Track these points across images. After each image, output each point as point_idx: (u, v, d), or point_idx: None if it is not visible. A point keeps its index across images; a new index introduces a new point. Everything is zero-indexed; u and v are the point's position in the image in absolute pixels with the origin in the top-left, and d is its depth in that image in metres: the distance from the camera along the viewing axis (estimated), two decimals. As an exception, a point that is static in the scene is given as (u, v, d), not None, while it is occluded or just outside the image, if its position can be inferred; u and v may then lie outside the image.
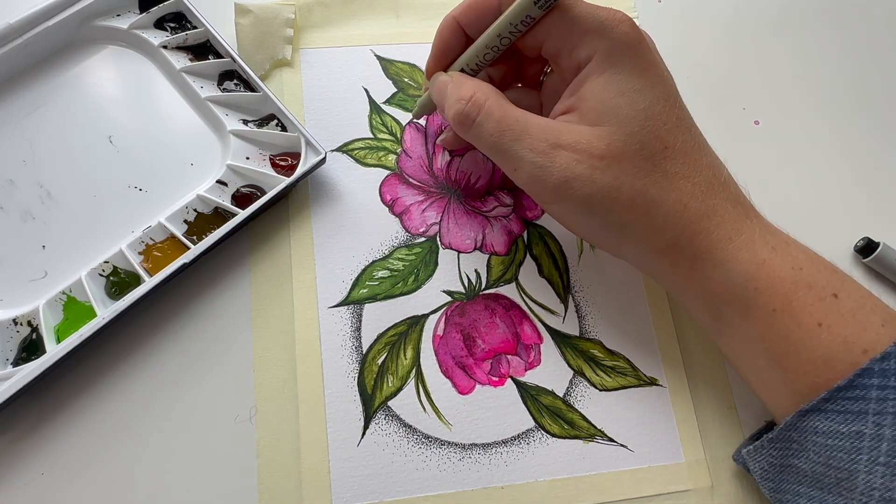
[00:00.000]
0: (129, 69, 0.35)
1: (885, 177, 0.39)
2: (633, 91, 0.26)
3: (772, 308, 0.26)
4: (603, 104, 0.26)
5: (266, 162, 0.34)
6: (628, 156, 0.26)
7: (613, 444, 0.31)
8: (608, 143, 0.26)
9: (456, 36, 0.30)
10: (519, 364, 0.32)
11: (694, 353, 0.33)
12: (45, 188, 0.32)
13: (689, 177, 0.27)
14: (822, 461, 0.25)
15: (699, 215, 0.27)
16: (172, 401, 0.30)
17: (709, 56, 0.41)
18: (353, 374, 0.31)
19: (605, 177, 0.26)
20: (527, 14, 0.27)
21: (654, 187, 0.26)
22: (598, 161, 0.26)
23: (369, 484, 0.29)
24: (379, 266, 0.33)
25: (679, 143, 0.27)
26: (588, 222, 0.28)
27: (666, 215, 0.27)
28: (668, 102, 0.27)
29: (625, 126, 0.26)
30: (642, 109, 0.26)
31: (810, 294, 0.26)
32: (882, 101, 0.41)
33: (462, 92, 0.28)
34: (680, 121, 0.27)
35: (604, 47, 0.26)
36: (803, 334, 0.25)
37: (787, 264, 0.26)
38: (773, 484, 0.27)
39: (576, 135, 0.27)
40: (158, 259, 0.30)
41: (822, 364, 0.25)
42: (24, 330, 0.29)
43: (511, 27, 0.28)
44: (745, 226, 0.27)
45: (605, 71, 0.26)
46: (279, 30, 0.36)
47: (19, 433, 0.29)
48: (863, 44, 0.42)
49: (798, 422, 0.25)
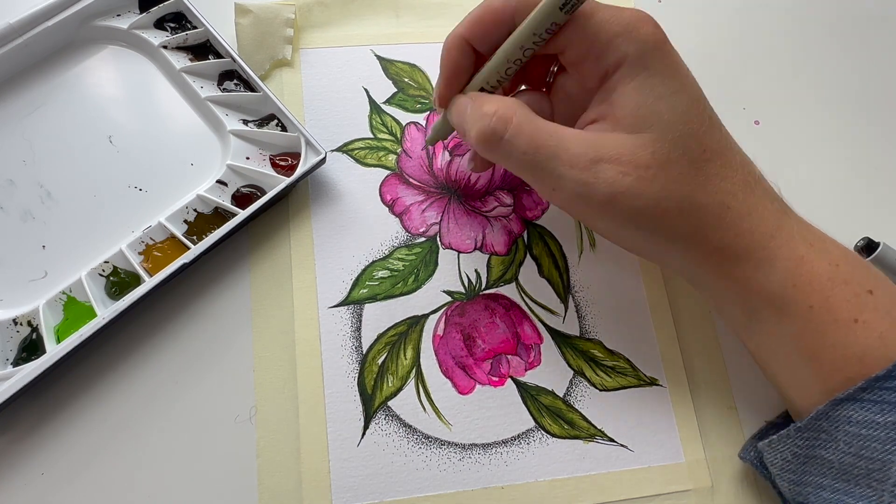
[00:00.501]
0: (129, 69, 0.35)
1: (886, 177, 0.39)
2: (670, 94, 0.25)
3: (808, 305, 0.26)
4: (640, 110, 0.25)
5: (266, 162, 0.34)
6: (673, 162, 0.25)
7: (613, 444, 0.31)
8: (653, 150, 0.25)
9: (465, 54, 0.28)
10: (519, 364, 0.32)
11: (694, 353, 0.33)
12: (45, 188, 0.32)
13: (728, 177, 0.26)
14: (853, 451, 0.25)
15: (741, 215, 0.26)
16: (172, 401, 0.30)
17: (709, 56, 0.41)
18: (353, 374, 0.31)
19: (653, 187, 0.25)
20: (552, 21, 0.25)
21: (699, 191, 0.26)
22: (645, 171, 0.25)
23: (369, 484, 0.29)
24: (379, 266, 0.33)
25: (715, 143, 0.26)
26: (636, 235, 0.27)
27: (712, 219, 0.26)
28: (700, 103, 0.26)
29: (667, 132, 0.25)
30: (682, 112, 0.25)
31: (847, 290, 0.25)
32: (882, 101, 0.41)
33: (485, 108, 0.26)
34: (712, 121, 0.27)
35: (634, 51, 0.25)
36: (839, 330, 0.25)
37: (825, 261, 0.26)
38: (794, 476, 0.27)
39: (617, 146, 0.25)
40: (158, 259, 0.30)
41: (856, 360, 0.25)
42: (24, 330, 0.29)
43: (535, 37, 0.26)
44: (784, 222, 0.27)
45: (638, 75, 0.25)
46: (279, 30, 0.36)
47: (19, 433, 0.29)
48: (863, 44, 0.42)
49: (830, 411, 0.25)
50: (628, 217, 0.26)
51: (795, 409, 0.28)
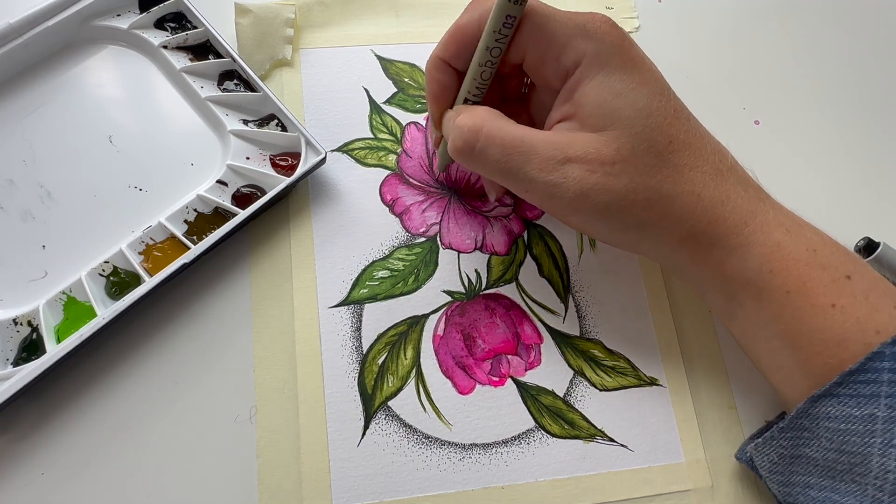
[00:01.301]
0: (129, 69, 0.35)
1: (886, 176, 0.39)
2: (629, 90, 0.26)
3: (786, 290, 0.26)
4: (602, 108, 0.26)
5: (266, 162, 0.34)
6: (638, 156, 0.26)
7: (614, 444, 0.31)
8: (616, 147, 0.26)
9: (447, 74, 0.29)
10: (519, 364, 0.32)
11: (694, 353, 0.33)
12: (45, 188, 0.32)
13: (698, 166, 0.27)
14: (834, 447, 0.25)
15: (713, 203, 0.27)
16: (172, 401, 0.30)
17: (709, 56, 0.41)
18: (354, 374, 0.31)
19: (619, 182, 0.26)
20: (506, 14, 0.26)
21: (666, 182, 0.26)
22: (611, 167, 0.26)
23: (369, 484, 0.29)
24: (379, 266, 0.33)
25: (682, 134, 0.27)
26: (607, 227, 0.28)
27: (682, 208, 0.27)
28: (663, 96, 0.27)
29: (629, 127, 0.26)
30: (642, 107, 0.26)
31: (824, 275, 0.26)
32: (882, 101, 0.41)
33: (458, 121, 0.28)
34: (678, 112, 0.27)
35: (591, 50, 0.26)
36: (816, 315, 0.25)
37: (802, 246, 0.26)
38: (781, 477, 0.27)
39: (583, 145, 0.26)
40: (158, 259, 0.30)
41: (834, 344, 0.25)
42: (24, 330, 0.29)
43: (496, 34, 0.27)
44: (759, 208, 0.27)
45: (598, 73, 0.26)
46: (279, 30, 0.36)
47: (19, 433, 0.29)
48: (863, 43, 0.42)
49: (810, 408, 0.25)
50: (598, 211, 0.27)
51: (782, 398, 0.28)
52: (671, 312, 0.34)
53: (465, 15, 0.28)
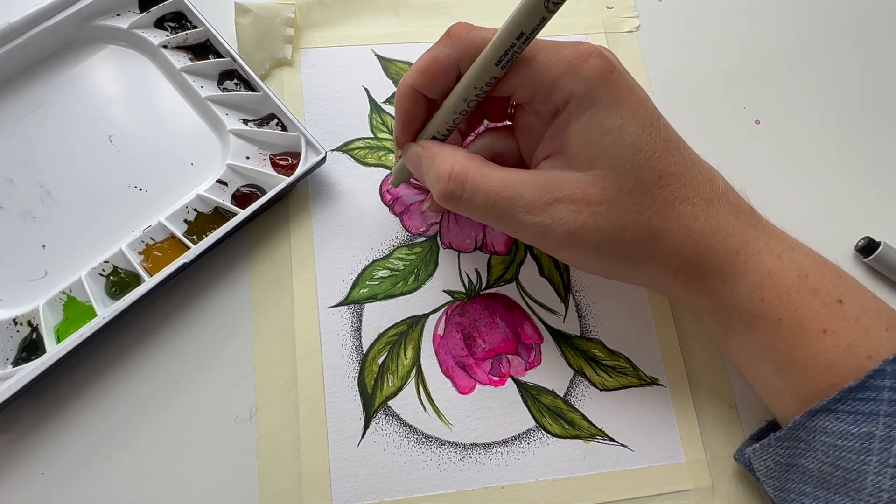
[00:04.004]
0: (129, 69, 0.35)
1: (886, 176, 0.39)
2: (616, 127, 0.26)
3: (778, 317, 0.26)
4: (589, 147, 0.26)
5: (266, 161, 0.34)
6: (625, 194, 0.26)
7: (614, 443, 0.31)
8: (603, 187, 0.26)
9: (417, 103, 0.29)
10: (519, 364, 0.32)
11: (694, 353, 0.33)
12: (45, 188, 0.32)
13: (688, 199, 0.27)
14: (829, 461, 0.25)
15: (705, 234, 0.26)
16: (172, 401, 0.30)
17: (709, 55, 0.41)
18: (354, 373, 0.31)
19: (607, 221, 0.26)
20: (490, 76, 0.26)
21: (656, 217, 0.26)
22: (598, 206, 0.26)
23: (369, 484, 0.29)
24: (379, 266, 0.33)
25: (671, 166, 0.26)
26: (599, 263, 0.28)
27: (673, 242, 0.26)
28: (652, 128, 0.26)
29: (616, 166, 0.26)
30: (630, 144, 0.26)
31: (815, 301, 0.26)
32: (882, 100, 0.41)
33: (440, 169, 0.27)
34: (668, 143, 0.27)
35: (579, 87, 0.25)
36: (808, 341, 0.25)
37: (793, 272, 0.26)
38: (777, 483, 0.27)
39: (570, 185, 0.26)
40: (158, 259, 0.30)
41: (826, 369, 0.25)
42: (24, 330, 0.29)
43: (476, 90, 0.26)
44: (751, 236, 0.27)
45: (585, 111, 0.26)
46: (279, 29, 0.36)
47: (19, 433, 0.29)
48: (863, 43, 0.42)
49: (807, 421, 0.25)
50: (588, 249, 0.27)
51: (776, 416, 0.28)
52: (672, 312, 0.34)
53: (441, 47, 0.27)
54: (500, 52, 0.25)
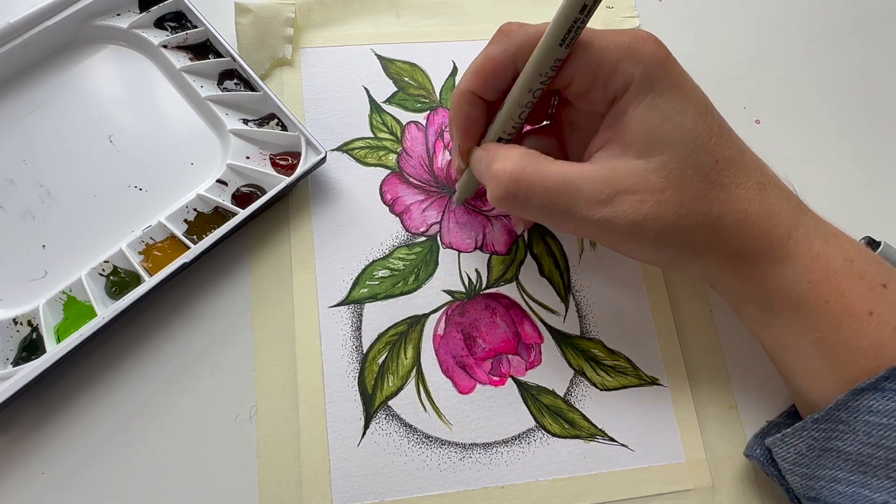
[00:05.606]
0: (129, 69, 0.35)
1: (887, 175, 0.39)
2: (676, 113, 0.26)
3: (825, 300, 0.26)
4: (649, 134, 0.26)
5: (266, 161, 0.34)
6: (686, 181, 0.26)
7: (614, 443, 0.31)
8: (665, 174, 0.26)
9: (476, 106, 0.28)
10: (519, 364, 0.32)
11: (695, 353, 0.33)
12: (45, 188, 0.32)
13: (742, 183, 0.27)
14: (872, 441, 0.25)
15: (759, 218, 0.27)
16: (172, 401, 0.30)
17: (709, 55, 0.41)
18: (354, 373, 0.31)
19: (670, 209, 0.26)
20: (555, 58, 0.25)
21: (715, 203, 0.26)
22: (661, 195, 0.26)
23: (369, 484, 0.29)
24: (379, 265, 0.33)
25: (727, 151, 0.27)
26: (659, 253, 0.28)
27: (731, 226, 0.27)
28: (708, 114, 0.27)
29: (677, 152, 0.26)
30: (690, 130, 0.26)
31: (861, 284, 0.26)
32: (883, 99, 0.41)
33: (495, 169, 0.27)
34: (721, 130, 0.27)
35: (640, 72, 0.25)
36: (854, 323, 0.26)
37: (840, 256, 0.27)
38: (807, 470, 0.27)
39: (631, 175, 0.26)
40: (158, 259, 0.30)
41: (871, 352, 0.25)
42: (24, 329, 0.29)
43: (541, 77, 0.26)
44: (801, 220, 0.27)
45: (645, 97, 0.26)
46: (279, 29, 0.36)
47: (19, 433, 0.29)
48: (863, 42, 0.42)
49: (850, 400, 0.25)
50: (651, 240, 0.27)
51: (808, 402, 0.28)
52: (672, 312, 0.34)
53: (495, 46, 0.27)
54: (564, 29, 0.24)
